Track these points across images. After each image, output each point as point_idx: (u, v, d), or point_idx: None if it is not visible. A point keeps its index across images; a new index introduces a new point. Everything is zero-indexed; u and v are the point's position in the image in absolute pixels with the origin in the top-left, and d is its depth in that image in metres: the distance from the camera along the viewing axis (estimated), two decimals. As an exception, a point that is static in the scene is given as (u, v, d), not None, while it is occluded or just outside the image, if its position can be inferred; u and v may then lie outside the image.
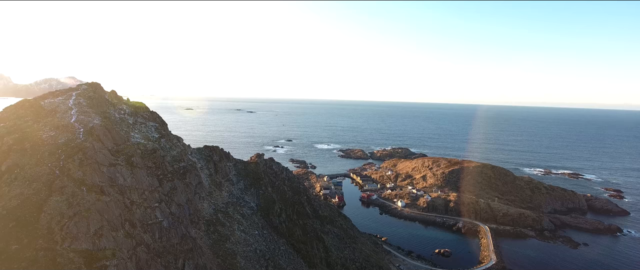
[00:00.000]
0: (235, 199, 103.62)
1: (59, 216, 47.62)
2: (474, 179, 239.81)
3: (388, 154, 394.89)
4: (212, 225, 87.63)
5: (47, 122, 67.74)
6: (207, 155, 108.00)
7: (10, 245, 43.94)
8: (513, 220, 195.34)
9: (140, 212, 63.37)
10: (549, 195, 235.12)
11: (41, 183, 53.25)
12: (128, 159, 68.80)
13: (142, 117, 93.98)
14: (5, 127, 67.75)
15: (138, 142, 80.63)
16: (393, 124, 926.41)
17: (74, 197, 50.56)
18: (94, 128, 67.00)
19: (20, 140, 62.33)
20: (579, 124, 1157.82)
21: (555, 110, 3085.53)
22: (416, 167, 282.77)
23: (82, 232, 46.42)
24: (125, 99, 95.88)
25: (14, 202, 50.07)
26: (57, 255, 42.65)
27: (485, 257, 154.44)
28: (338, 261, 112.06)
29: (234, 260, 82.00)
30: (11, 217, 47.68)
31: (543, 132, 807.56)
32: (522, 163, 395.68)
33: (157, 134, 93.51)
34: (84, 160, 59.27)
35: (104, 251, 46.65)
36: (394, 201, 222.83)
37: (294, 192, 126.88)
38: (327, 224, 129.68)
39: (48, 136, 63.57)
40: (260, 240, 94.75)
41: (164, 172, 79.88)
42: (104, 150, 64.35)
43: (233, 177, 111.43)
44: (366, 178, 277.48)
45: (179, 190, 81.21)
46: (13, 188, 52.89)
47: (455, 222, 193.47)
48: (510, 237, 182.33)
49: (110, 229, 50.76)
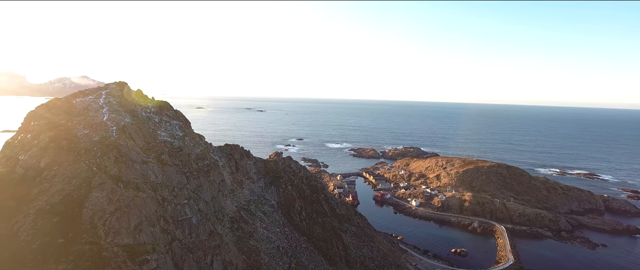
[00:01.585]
0: (256, 197, 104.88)
1: (100, 212, 49.11)
2: (489, 179, 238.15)
3: (400, 153, 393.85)
4: (235, 223, 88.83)
5: (81, 121, 69.55)
6: (228, 154, 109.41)
7: (56, 239, 45.48)
8: (529, 220, 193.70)
9: (171, 209, 64.80)
10: (565, 195, 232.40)
11: (80, 179, 54.87)
12: (158, 157, 70.36)
13: (167, 116, 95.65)
14: (40, 125, 69.78)
15: (165, 140, 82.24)
16: (401, 123, 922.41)
17: (113, 194, 52.03)
18: (126, 126, 68.62)
19: (56, 137, 64.17)
20: (593, 124, 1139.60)
21: (568, 110, 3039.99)
22: (430, 166, 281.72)
23: (124, 227, 47.82)
24: (150, 98, 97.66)
25: (56, 197, 51.73)
26: (102, 250, 44.05)
27: (503, 257, 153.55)
28: (357, 259, 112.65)
29: (258, 256, 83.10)
30: (55, 212, 49.30)
31: (556, 132, 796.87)
32: (536, 163, 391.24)
33: (181, 132, 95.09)
34: (118, 158, 60.86)
35: (144, 246, 47.98)
36: (408, 200, 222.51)
37: (312, 190, 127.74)
38: (345, 223, 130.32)
39: (83, 134, 65.32)
40: (282, 237, 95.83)
41: (190, 170, 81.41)
42: (136, 148, 65.92)
43: (253, 175, 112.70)
44: (379, 177, 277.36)
45: (204, 187, 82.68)
46: (54, 184, 54.62)
47: (471, 222, 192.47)
48: (527, 238, 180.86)
49: (148, 225, 52.12)
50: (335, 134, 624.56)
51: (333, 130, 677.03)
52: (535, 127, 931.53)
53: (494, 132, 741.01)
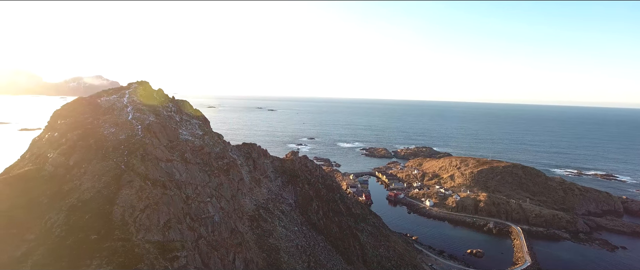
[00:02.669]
0: (273, 196, 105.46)
1: (130, 209, 50.00)
2: (504, 179, 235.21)
3: (412, 153, 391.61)
4: (255, 221, 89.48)
5: (107, 119, 70.84)
6: (246, 153, 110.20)
7: (89, 235, 46.50)
8: (546, 221, 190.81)
9: (195, 207, 65.58)
10: (582, 196, 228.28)
11: (110, 177, 55.94)
12: (182, 155, 71.26)
13: (187, 115, 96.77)
14: (67, 123, 71.25)
15: (186, 138, 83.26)
16: (412, 123, 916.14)
17: (142, 191, 52.90)
18: (151, 125, 69.65)
19: (84, 136, 65.51)
20: (610, 123, 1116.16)
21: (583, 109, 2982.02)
22: (443, 166, 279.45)
23: (154, 224, 48.61)
24: (170, 97, 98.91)
25: (87, 194, 52.86)
26: (134, 246, 44.87)
27: (520, 259, 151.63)
28: (374, 259, 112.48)
29: (277, 255, 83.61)
30: (86, 209, 50.41)
31: (571, 132, 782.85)
32: (551, 163, 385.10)
33: (200, 131, 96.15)
34: (145, 156, 61.81)
35: (174, 243, 48.72)
36: (422, 200, 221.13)
37: (327, 189, 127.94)
38: (361, 222, 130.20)
39: (109, 132, 66.53)
40: (300, 236, 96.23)
41: (211, 168, 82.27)
42: (161, 146, 66.88)
43: (271, 174, 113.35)
44: (392, 177, 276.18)
45: (224, 186, 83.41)
46: (84, 181, 55.79)
47: (486, 223, 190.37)
48: (544, 239, 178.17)
49: (176, 222, 52.88)
50: (345, 133, 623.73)
51: (343, 130, 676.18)
52: (549, 127, 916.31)
53: (506, 132, 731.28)
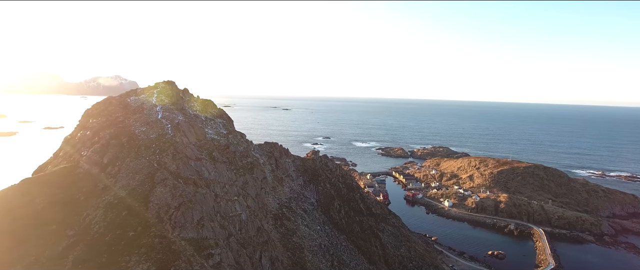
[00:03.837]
0: (296, 195, 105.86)
1: (165, 206, 50.88)
2: (525, 180, 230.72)
3: (429, 153, 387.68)
4: (278, 220, 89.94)
5: (137, 118, 72.22)
6: (269, 152, 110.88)
7: (126, 232, 47.49)
8: (569, 223, 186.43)
9: (223, 205, 66.29)
10: (607, 198, 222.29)
11: (143, 175, 57.03)
12: (210, 154, 72.15)
13: (211, 114, 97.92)
14: (99, 122, 72.90)
15: (212, 137, 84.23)
16: (426, 122, 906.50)
17: (175, 189, 53.77)
18: (180, 124, 70.74)
19: (116, 134, 66.92)
20: (634, 124, 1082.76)
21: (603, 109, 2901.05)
22: (462, 166, 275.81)
23: (188, 222, 49.36)
24: (196, 97, 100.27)
25: (122, 192, 53.98)
26: (171, 243, 45.64)
27: (543, 261, 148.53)
28: (395, 259, 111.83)
29: (301, 254, 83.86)
30: (123, 206, 51.48)
31: (591, 132, 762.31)
32: (572, 164, 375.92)
33: (225, 130, 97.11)
34: (176, 155, 62.79)
35: (208, 240, 49.37)
36: (441, 201, 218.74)
37: (348, 189, 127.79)
38: (381, 222, 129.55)
39: (140, 131, 67.81)
40: (322, 235, 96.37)
41: (236, 167, 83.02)
42: (190, 145, 67.83)
43: (292, 173, 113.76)
44: (409, 177, 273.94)
45: (250, 184, 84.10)
46: (119, 179, 56.99)
47: (507, 224, 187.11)
48: (567, 241, 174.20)
49: (209, 220, 53.57)
50: (360, 132, 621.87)
51: (357, 129, 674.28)
52: (568, 127, 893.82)
53: (524, 132, 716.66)
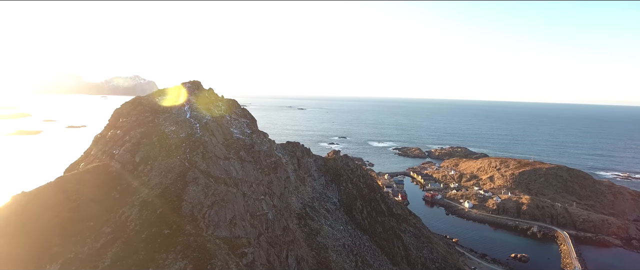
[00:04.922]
0: (318, 194, 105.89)
1: (198, 205, 51.49)
2: (548, 182, 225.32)
3: (447, 153, 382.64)
4: (302, 219, 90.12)
5: (166, 118, 73.35)
6: (291, 151, 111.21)
7: (162, 229, 48.25)
8: (595, 226, 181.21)
9: (251, 204, 66.74)
10: (634, 201, 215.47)
11: (175, 174, 57.85)
12: (237, 153, 72.76)
13: (235, 114, 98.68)
14: (129, 121, 74.24)
15: (238, 137, 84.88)
16: (442, 122, 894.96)
17: (207, 188, 54.37)
18: (208, 124, 71.53)
19: (147, 134, 68.08)
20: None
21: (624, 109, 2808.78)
22: (482, 167, 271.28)
23: (222, 220, 49.85)
24: (220, 97, 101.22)
25: (156, 190, 54.87)
26: (205, 241, 46.15)
27: (568, 265, 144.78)
28: (418, 260, 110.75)
29: (326, 253, 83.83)
30: (157, 204, 52.31)
31: (615, 133, 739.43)
32: (596, 166, 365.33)
33: (248, 129, 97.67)
34: (205, 154, 63.51)
35: (240, 239, 49.75)
36: (460, 202, 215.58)
37: (369, 189, 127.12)
38: (402, 223, 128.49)
39: (170, 130, 68.82)
40: (346, 235, 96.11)
41: (261, 166, 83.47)
42: (219, 145, 68.53)
43: (314, 173, 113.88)
44: (428, 177, 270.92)
45: (274, 184, 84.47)
46: (152, 178, 57.95)
47: (529, 226, 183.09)
48: (593, 245, 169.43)
49: (240, 219, 53.99)
50: (375, 132, 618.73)
51: (372, 129, 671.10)
52: (589, 127, 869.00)
53: (544, 133, 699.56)
